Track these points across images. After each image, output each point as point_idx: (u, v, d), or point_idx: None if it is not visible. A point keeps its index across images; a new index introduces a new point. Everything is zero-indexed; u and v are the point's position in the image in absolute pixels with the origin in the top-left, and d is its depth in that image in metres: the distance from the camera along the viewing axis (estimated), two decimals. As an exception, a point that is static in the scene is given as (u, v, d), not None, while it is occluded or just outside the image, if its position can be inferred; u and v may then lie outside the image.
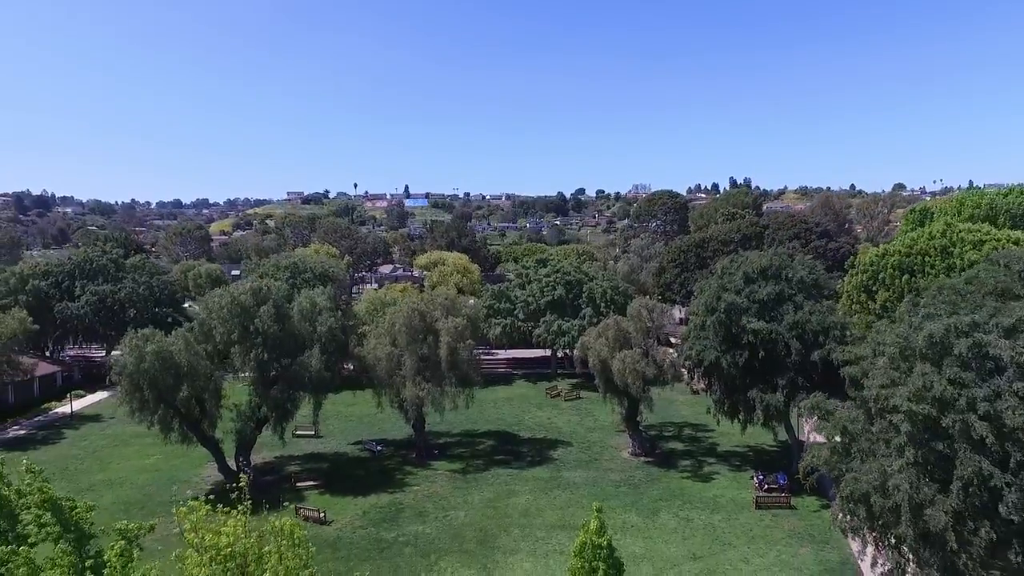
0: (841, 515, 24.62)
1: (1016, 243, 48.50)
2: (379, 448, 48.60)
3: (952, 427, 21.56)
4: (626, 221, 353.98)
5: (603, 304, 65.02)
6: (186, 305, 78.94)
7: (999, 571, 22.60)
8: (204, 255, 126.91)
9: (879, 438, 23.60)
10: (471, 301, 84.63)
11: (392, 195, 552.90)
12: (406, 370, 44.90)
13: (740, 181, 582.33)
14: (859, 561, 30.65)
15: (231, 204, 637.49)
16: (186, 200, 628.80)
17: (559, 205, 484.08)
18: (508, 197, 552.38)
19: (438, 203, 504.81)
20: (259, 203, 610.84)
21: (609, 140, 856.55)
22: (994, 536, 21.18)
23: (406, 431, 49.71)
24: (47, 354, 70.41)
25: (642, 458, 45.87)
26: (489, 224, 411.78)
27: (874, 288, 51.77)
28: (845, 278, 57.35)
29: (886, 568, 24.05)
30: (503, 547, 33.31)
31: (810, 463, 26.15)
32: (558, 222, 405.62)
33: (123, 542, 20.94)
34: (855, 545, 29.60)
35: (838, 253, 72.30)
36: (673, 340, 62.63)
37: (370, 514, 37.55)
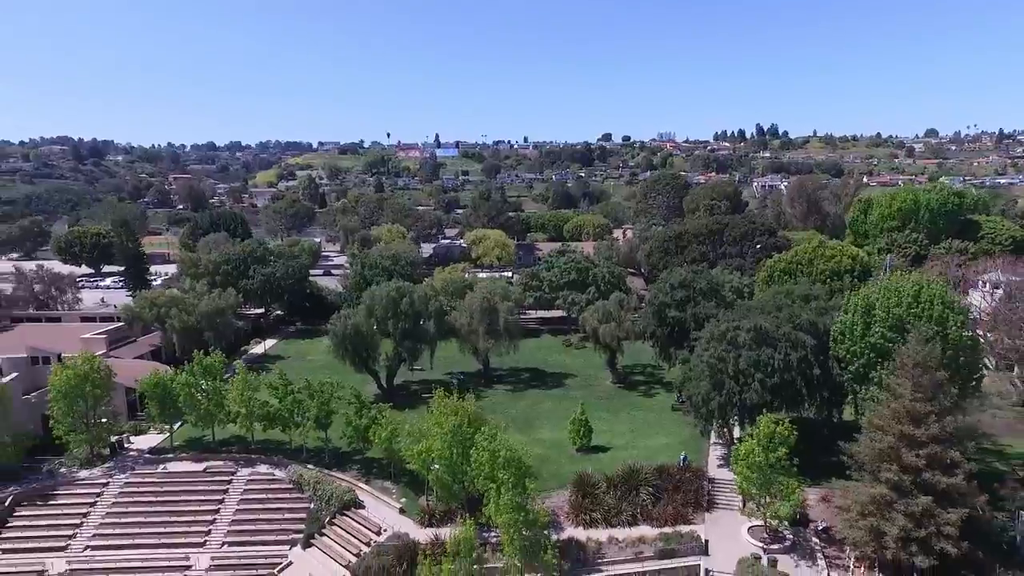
0: (686, 406, 56.34)
1: (853, 258, 78.02)
2: (462, 376, 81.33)
3: (724, 369, 52.70)
4: (648, 173, 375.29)
5: (603, 284, 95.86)
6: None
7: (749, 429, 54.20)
8: (294, 228, 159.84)
9: (700, 373, 54.81)
10: (507, 274, 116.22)
11: (424, 144, 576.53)
12: (479, 331, 76.88)
13: (766, 128, 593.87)
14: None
15: (263, 147, 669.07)
16: (219, 143, 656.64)
17: (584, 154, 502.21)
18: (535, 146, 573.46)
19: (468, 153, 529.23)
20: (290, 146, 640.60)
21: (636, 80, 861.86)
22: (737, 413, 52.59)
23: (476, 367, 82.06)
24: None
25: (617, 385, 77.67)
26: (517, 176, 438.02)
27: (771, 282, 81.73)
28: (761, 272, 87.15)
29: (699, 429, 56.12)
30: (537, 426, 65.63)
31: (676, 383, 57.82)
32: (582, 174, 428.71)
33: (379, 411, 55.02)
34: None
35: (776, 246, 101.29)
36: None
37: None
